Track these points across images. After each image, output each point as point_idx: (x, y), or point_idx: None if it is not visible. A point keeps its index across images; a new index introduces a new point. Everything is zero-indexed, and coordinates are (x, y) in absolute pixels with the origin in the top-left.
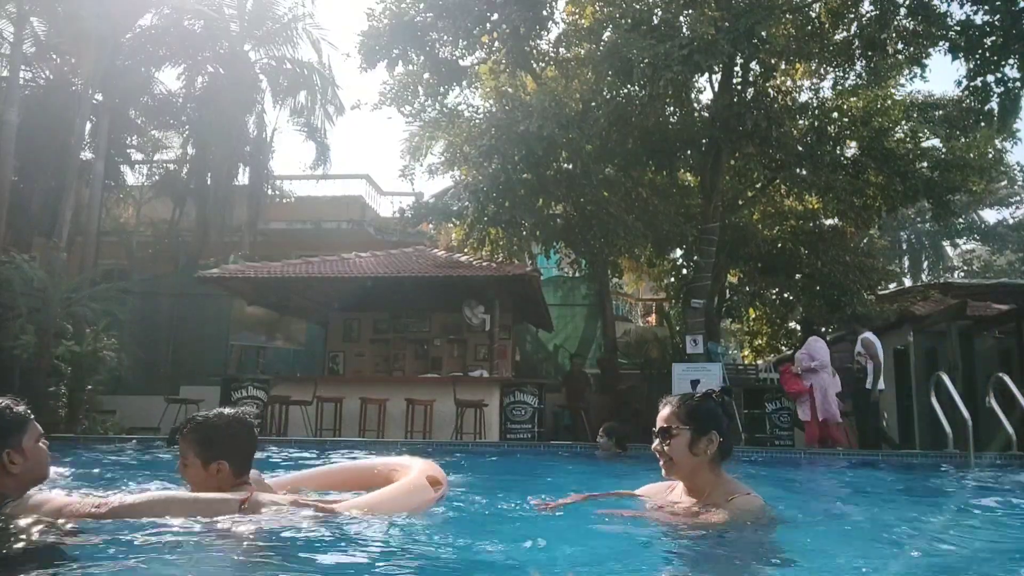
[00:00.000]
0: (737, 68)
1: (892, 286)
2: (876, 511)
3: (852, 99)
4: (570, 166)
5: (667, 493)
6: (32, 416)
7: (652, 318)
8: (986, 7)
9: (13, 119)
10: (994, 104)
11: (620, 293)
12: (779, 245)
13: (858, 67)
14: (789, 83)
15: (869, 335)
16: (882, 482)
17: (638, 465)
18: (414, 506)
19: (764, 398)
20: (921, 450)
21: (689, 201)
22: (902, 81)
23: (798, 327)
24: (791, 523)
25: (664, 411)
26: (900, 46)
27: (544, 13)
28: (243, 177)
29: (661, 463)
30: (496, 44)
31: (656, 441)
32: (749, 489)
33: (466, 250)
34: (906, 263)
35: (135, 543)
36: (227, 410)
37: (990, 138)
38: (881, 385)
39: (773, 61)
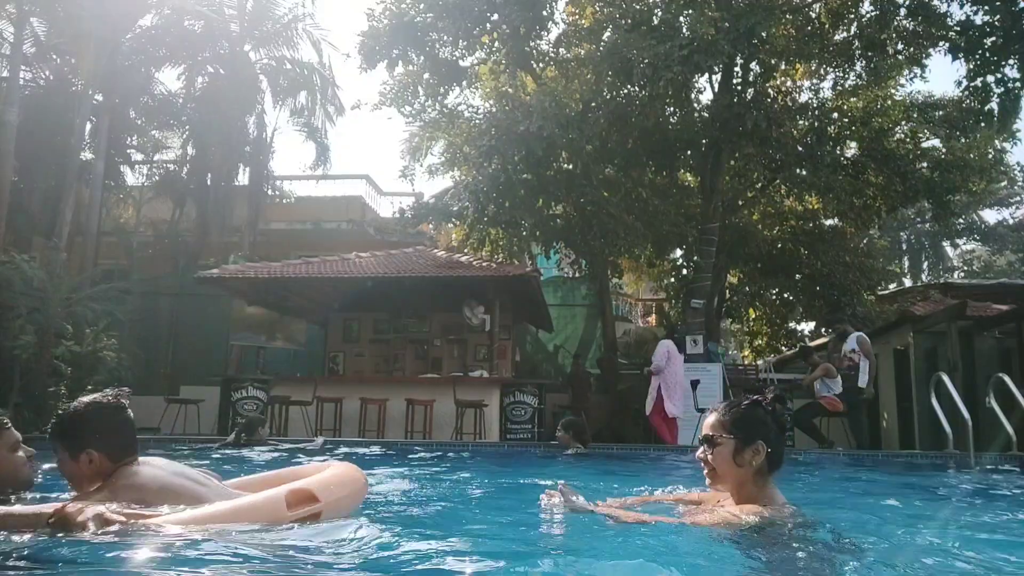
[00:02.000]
0: (737, 68)
1: (892, 286)
2: (875, 512)
3: (852, 99)
4: (570, 166)
5: (715, 501)
6: (8, 425)
7: (652, 318)
8: (986, 7)
9: (13, 119)
10: (994, 104)
11: (620, 293)
12: (779, 245)
13: (858, 67)
14: (789, 83)
15: (862, 334)
16: (882, 482)
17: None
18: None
19: None
20: (921, 450)
21: (689, 201)
22: (902, 81)
23: (797, 328)
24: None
25: (710, 418)
26: (900, 46)
27: (544, 13)
28: (243, 177)
29: (705, 472)
30: (496, 44)
31: (700, 449)
32: (785, 501)
33: (466, 250)
34: (906, 263)
35: None
36: (88, 397)
37: (990, 138)
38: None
39: (773, 61)
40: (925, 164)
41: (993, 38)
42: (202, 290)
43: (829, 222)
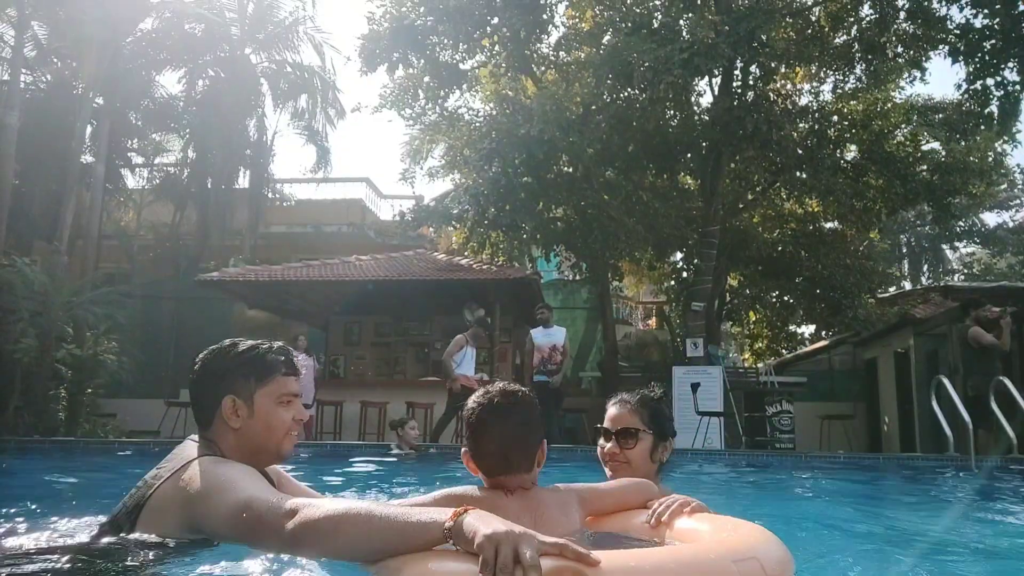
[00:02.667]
0: (737, 72)
1: (892, 289)
2: (876, 515)
3: (852, 102)
4: (571, 169)
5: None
6: (284, 370)
7: (652, 321)
8: (985, 11)
9: (14, 123)
10: (994, 107)
11: (620, 296)
12: (779, 248)
13: (858, 70)
14: (789, 87)
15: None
16: (882, 485)
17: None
18: None
19: (765, 401)
20: (922, 453)
21: (689, 204)
22: (902, 84)
23: (798, 331)
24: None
25: (621, 410)
26: (900, 49)
27: (544, 17)
28: (243, 180)
29: (610, 466)
30: (496, 48)
31: (610, 444)
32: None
33: (466, 253)
34: (906, 267)
35: None
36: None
37: (990, 141)
38: None
39: (773, 65)
40: (925, 167)
41: (992, 41)
42: (203, 293)
43: (829, 225)
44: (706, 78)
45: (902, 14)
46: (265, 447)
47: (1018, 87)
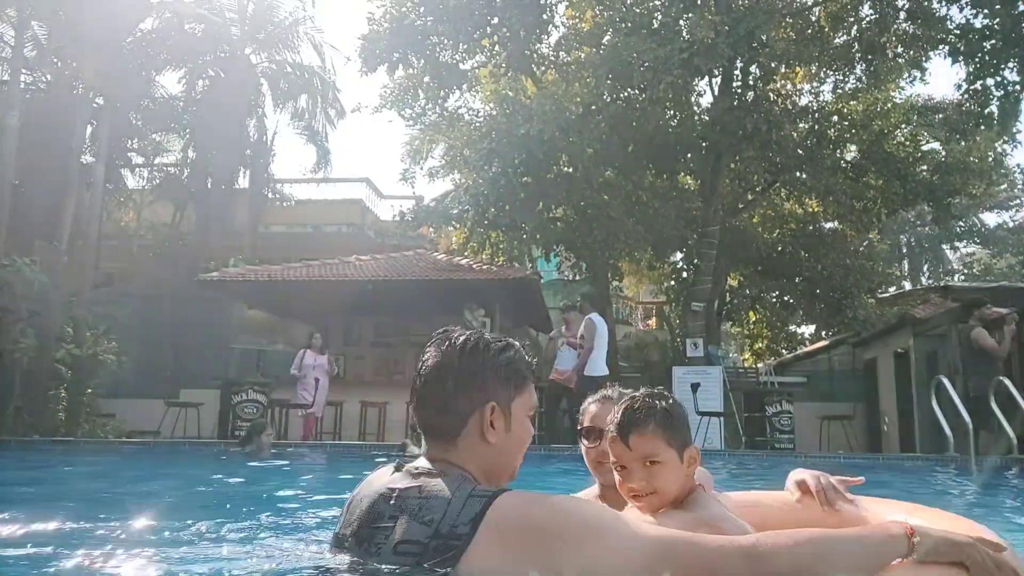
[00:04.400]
0: (737, 72)
1: (892, 289)
2: None
3: (852, 103)
4: (570, 169)
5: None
6: (524, 378)
7: (652, 321)
8: (985, 11)
9: (14, 123)
10: (994, 107)
11: (620, 296)
12: (779, 248)
13: (858, 70)
14: (789, 87)
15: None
16: (882, 486)
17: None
18: None
19: (764, 401)
20: (922, 454)
21: (689, 204)
22: (902, 84)
23: (797, 331)
24: None
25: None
26: (900, 50)
27: (544, 17)
28: (243, 181)
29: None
30: (496, 48)
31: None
32: None
33: (466, 253)
34: (906, 267)
35: None
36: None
37: (990, 141)
38: None
39: (773, 65)
40: (925, 167)
41: (992, 41)
42: (203, 293)
43: (829, 225)
44: (706, 78)
45: (902, 14)
46: (508, 466)
47: (1018, 87)
